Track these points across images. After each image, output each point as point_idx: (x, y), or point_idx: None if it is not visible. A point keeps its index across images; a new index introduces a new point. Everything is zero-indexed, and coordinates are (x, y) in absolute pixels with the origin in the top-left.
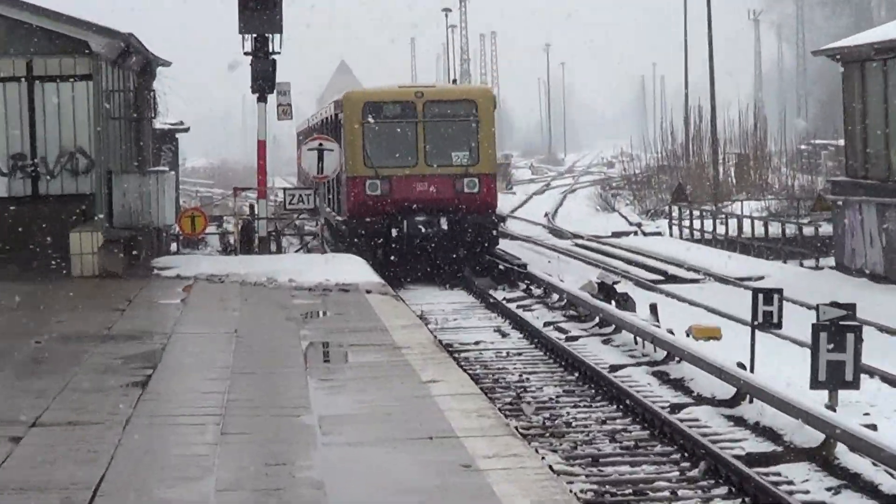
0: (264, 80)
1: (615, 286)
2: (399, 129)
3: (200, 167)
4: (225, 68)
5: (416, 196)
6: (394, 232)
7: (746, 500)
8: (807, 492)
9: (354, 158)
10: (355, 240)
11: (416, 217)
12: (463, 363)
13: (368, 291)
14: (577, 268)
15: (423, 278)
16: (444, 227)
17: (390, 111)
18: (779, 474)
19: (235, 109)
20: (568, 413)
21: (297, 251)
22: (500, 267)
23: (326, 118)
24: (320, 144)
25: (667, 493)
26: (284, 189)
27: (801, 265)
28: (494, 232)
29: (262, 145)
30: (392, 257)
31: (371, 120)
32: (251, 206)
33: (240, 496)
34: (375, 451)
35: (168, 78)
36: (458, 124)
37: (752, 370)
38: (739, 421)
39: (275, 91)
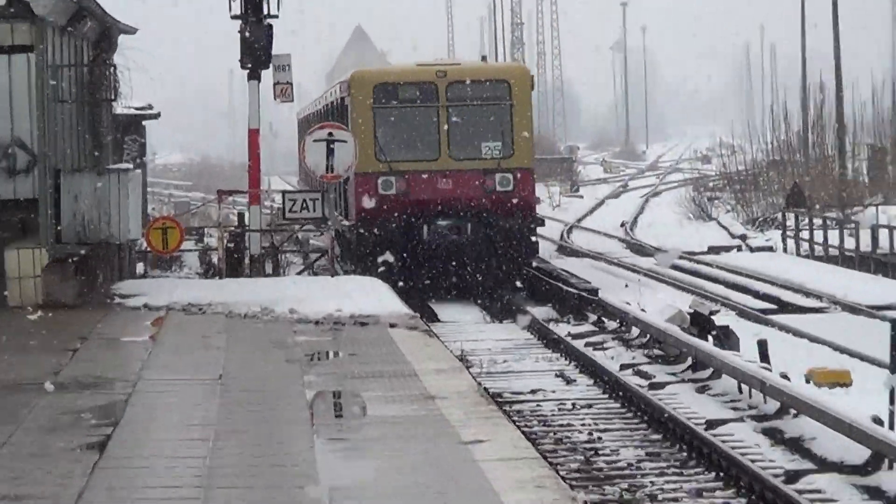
0: (258, 51)
1: (713, 317)
2: (417, 116)
3: (175, 164)
4: (206, 37)
5: (437, 196)
6: (411, 240)
7: None
8: None
9: (364, 151)
10: (364, 250)
11: (438, 221)
12: (516, 418)
13: (393, 325)
14: (664, 293)
15: (460, 303)
16: (472, 233)
17: (407, 94)
18: None
19: (220, 90)
20: (652, 483)
21: (300, 273)
22: (548, 287)
23: (331, 103)
24: (330, 134)
25: None
26: (283, 192)
27: None
28: (533, 238)
29: (254, 135)
30: (409, 271)
31: (384, 104)
32: (240, 216)
33: None
34: None
35: (133, 49)
36: (489, 109)
37: (892, 427)
38: (876, 493)
39: (271, 66)
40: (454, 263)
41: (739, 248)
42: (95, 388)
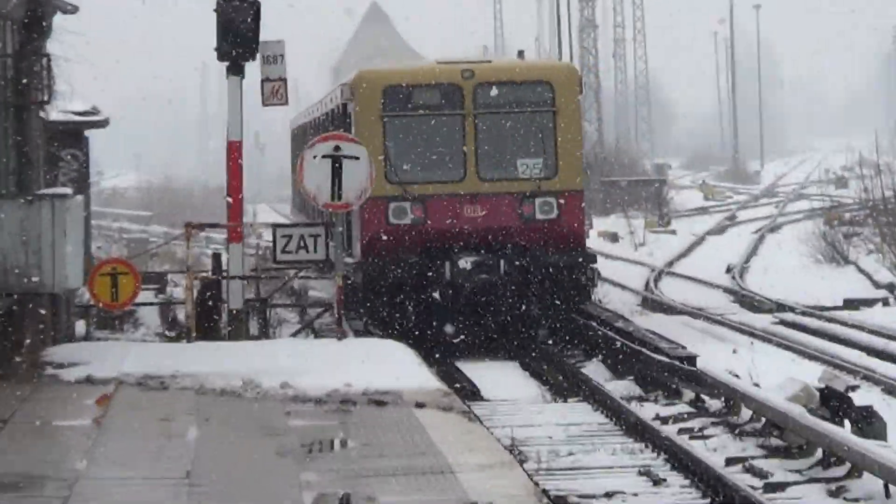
0: (240, 36)
1: (850, 395)
2: (438, 126)
3: (128, 188)
4: (173, 20)
5: (463, 226)
6: (431, 280)
7: None
8: None
9: None
10: (372, 295)
11: (463, 257)
12: None
13: (420, 405)
14: (783, 362)
15: (504, 369)
16: (506, 271)
17: (425, 98)
18: None
19: (190, 89)
20: None
21: (295, 334)
22: (634, 353)
23: (331, 112)
24: (337, 148)
25: None
26: (274, 226)
27: None
28: (584, 279)
29: (234, 150)
30: (429, 319)
31: (396, 112)
32: (216, 257)
33: None
34: None
35: (75, 34)
36: (527, 118)
37: None
38: None
39: (258, 56)
40: (483, 309)
41: (886, 303)
42: (19, 492)
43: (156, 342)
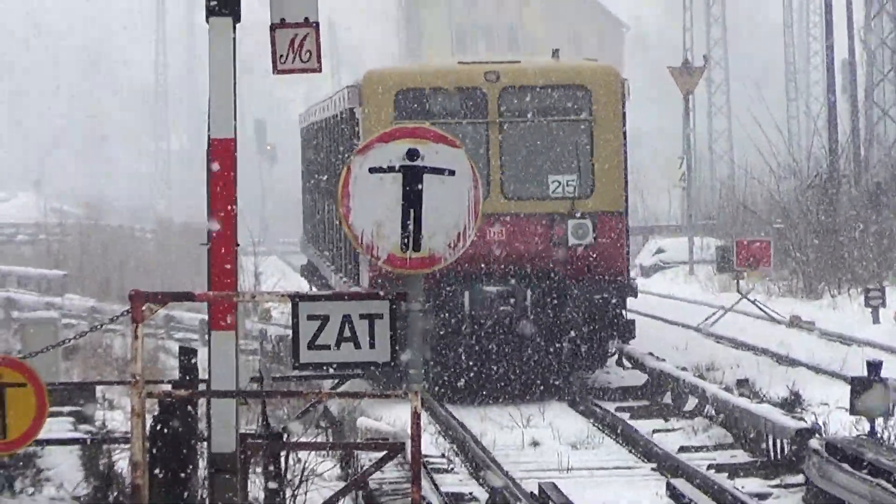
0: None
1: None
2: (458, 137)
3: (19, 226)
4: None
5: (485, 250)
6: (447, 312)
7: None
8: None
9: None
10: None
11: (485, 287)
12: None
13: None
14: None
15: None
16: (534, 303)
17: (444, 104)
18: None
19: (133, 49)
20: None
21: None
22: None
23: (333, 117)
24: (414, 155)
25: None
26: (294, 298)
27: None
28: (624, 313)
29: (220, 153)
30: (444, 356)
31: (411, 120)
32: (185, 354)
33: None
34: None
35: None
36: (559, 127)
37: None
38: None
39: None
40: (506, 344)
41: None
42: None
43: None
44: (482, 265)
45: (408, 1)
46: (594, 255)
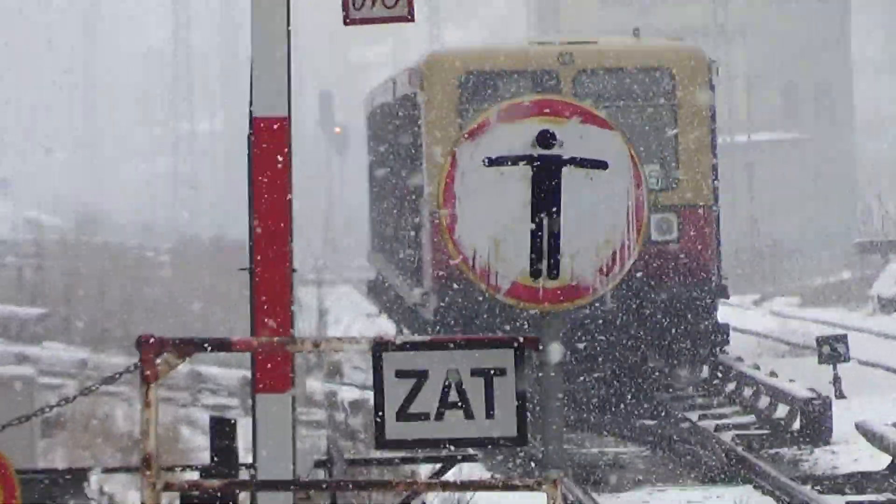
0: None
1: None
2: None
3: None
4: None
5: None
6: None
7: None
8: None
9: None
10: (444, 332)
11: None
12: None
13: None
14: None
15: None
16: (613, 305)
17: (513, 89)
18: None
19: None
20: None
21: None
22: None
23: (390, 104)
24: (547, 139)
25: None
26: (376, 345)
27: None
28: (715, 317)
29: (265, 137)
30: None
31: (478, 106)
32: (220, 426)
33: None
34: None
35: None
36: (640, 114)
37: None
38: None
39: None
40: (586, 353)
41: None
42: None
43: None
44: None
45: None
46: (680, 255)
